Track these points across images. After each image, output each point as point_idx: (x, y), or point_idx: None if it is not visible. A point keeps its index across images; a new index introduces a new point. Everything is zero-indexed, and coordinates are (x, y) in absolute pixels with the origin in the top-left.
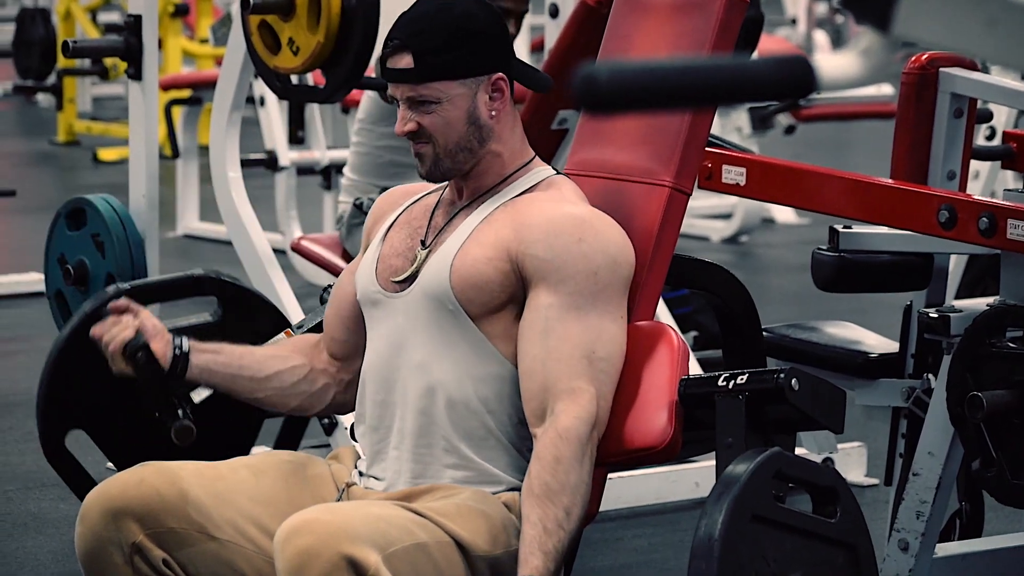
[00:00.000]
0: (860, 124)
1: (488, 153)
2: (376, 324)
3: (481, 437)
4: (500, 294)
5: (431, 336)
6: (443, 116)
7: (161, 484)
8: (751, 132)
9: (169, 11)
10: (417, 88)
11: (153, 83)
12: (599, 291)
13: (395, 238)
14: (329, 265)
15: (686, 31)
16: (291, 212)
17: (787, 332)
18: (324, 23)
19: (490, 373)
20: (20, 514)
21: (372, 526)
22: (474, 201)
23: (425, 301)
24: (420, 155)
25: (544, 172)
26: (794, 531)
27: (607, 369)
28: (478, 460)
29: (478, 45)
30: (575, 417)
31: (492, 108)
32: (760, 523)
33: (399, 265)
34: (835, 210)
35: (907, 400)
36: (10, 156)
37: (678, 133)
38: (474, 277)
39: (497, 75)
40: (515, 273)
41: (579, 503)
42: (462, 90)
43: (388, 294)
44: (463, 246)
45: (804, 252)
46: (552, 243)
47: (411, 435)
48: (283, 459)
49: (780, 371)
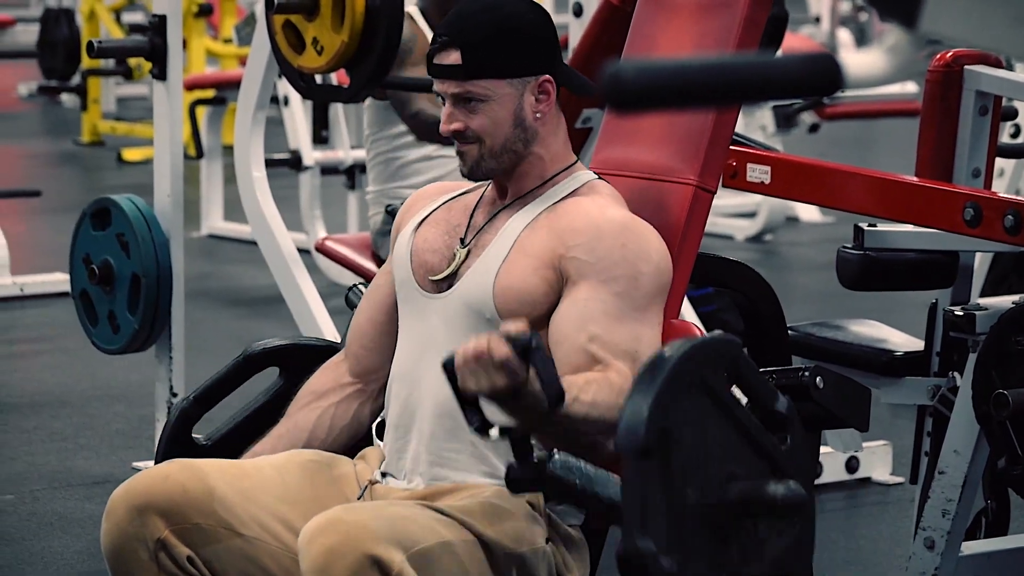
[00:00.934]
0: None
1: (531, 155)
2: (409, 321)
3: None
4: (543, 304)
5: (463, 341)
6: (490, 115)
7: (187, 480)
8: (775, 130)
9: (193, 11)
10: (464, 85)
11: (178, 83)
12: (640, 296)
13: (430, 233)
14: (354, 265)
15: (711, 29)
16: (315, 212)
17: (812, 330)
18: (348, 22)
19: None
20: (46, 514)
21: (396, 525)
22: (515, 202)
23: (463, 308)
24: (463, 154)
25: (586, 176)
26: (739, 427)
27: None
28: (503, 467)
29: (527, 45)
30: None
31: (537, 110)
32: (705, 394)
33: (435, 263)
34: (860, 208)
35: (932, 398)
36: (35, 157)
37: (703, 131)
38: (519, 289)
39: (544, 77)
40: (558, 280)
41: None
42: (509, 90)
43: (425, 293)
44: (509, 256)
45: (828, 250)
46: (595, 246)
47: (433, 436)
48: (308, 458)
49: (805, 369)
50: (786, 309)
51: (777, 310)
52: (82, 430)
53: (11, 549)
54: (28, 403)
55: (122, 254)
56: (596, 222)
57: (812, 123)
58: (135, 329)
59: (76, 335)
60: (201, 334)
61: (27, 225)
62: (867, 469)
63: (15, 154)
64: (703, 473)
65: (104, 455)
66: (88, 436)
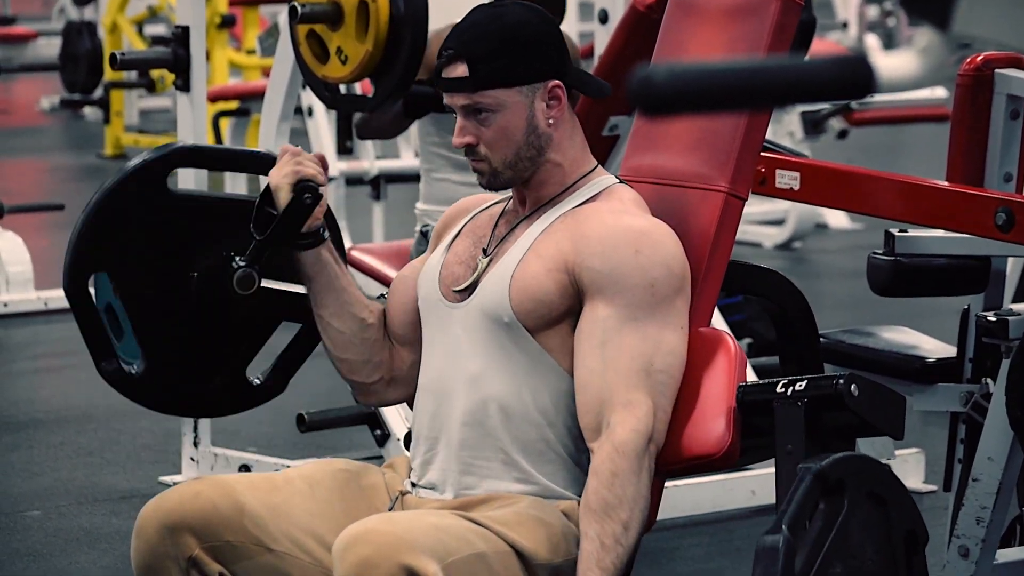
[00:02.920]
0: (913, 128)
1: (548, 162)
2: (433, 332)
3: (540, 451)
4: (559, 306)
5: (487, 349)
6: (501, 125)
7: (217, 497)
8: (803, 137)
9: (216, 22)
10: (473, 96)
11: (201, 94)
12: (657, 303)
13: (460, 246)
14: (379, 275)
15: (740, 35)
16: (340, 222)
17: (843, 338)
18: (373, 32)
19: (548, 384)
20: (72, 529)
21: (431, 536)
22: (536, 211)
23: (482, 315)
24: (478, 170)
25: (606, 181)
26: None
27: (665, 381)
28: (537, 475)
29: (533, 52)
30: (632, 430)
31: (549, 116)
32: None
33: (460, 273)
34: (891, 214)
35: (966, 405)
36: (58, 170)
37: (733, 137)
38: (533, 289)
39: (553, 82)
40: (573, 285)
41: (638, 517)
42: (519, 98)
43: (448, 303)
44: (523, 258)
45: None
46: (609, 255)
47: (461, 447)
48: (337, 468)
49: (839, 377)
50: (816, 317)
51: (808, 318)
52: (108, 445)
53: (38, 565)
54: (54, 419)
55: None
56: (611, 230)
57: (841, 129)
58: None
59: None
60: None
61: (51, 240)
62: (900, 477)
63: (38, 168)
64: None
65: (130, 470)
66: (114, 451)
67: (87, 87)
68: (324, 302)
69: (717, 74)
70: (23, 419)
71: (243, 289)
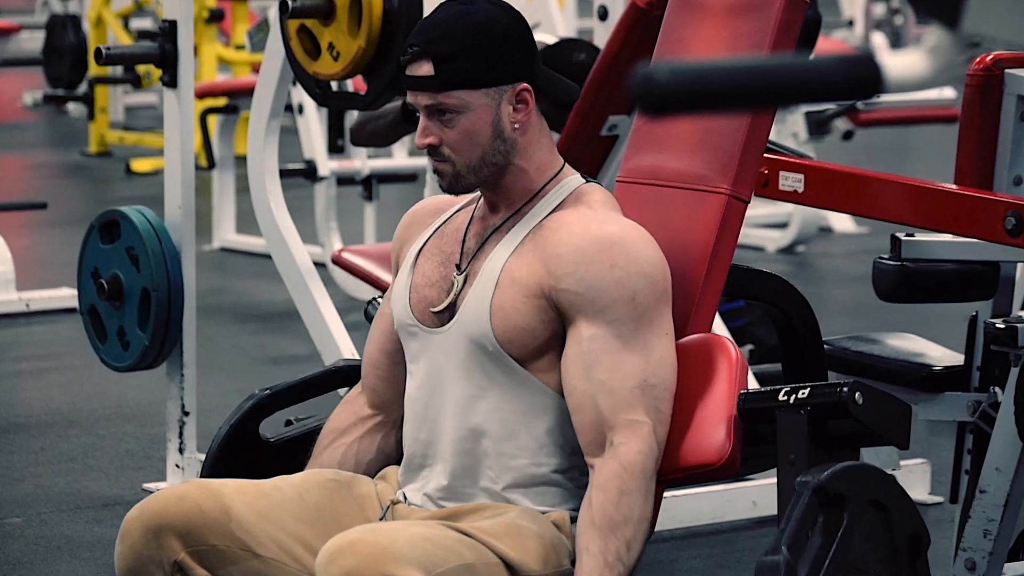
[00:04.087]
0: (920, 129)
1: (512, 167)
2: (415, 358)
3: (531, 475)
4: (542, 333)
5: (471, 375)
6: (465, 128)
7: (203, 500)
8: (807, 138)
9: (204, 16)
10: (437, 97)
11: (189, 90)
12: (640, 315)
13: (426, 266)
14: (371, 278)
15: (744, 33)
16: (331, 224)
17: (847, 345)
18: (365, 27)
19: (537, 405)
20: (54, 537)
21: (417, 547)
22: (505, 222)
23: (465, 341)
24: (439, 171)
25: (573, 183)
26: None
27: (661, 394)
28: (527, 501)
29: (502, 52)
30: (638, 452)
31: (516, 120)
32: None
33: (433, 296)
34: (897, 217)
35: (973, 414)
36: (41, 168)
37: (736, 138)
38: (514, 319)
39: (521, 85)
40: (552, 309)
41: (640, 538)
42: (485, 100)
43: (426, 328)
44: (499, 285)
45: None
46: (582, 274)
47: (454, 475)
48: (327, 477)
49: (843, 385)
50: (820, 322)
51: (812, 323)
52: (91, 451)
53: (18, 574)
54: (35, 423)
55: (132, 268)
56: (580, 245)
57: (846, 130)
58: (145, 346)
59: (84, 352)
60: (213, 351)
61: (33, 239)
62: (905, 488)
63: (20, 165)
64: None
65: (114, 476)
66: (97, 457)
67: (71, 82)
68: None
69: (720, 73)
70: (2, 423)
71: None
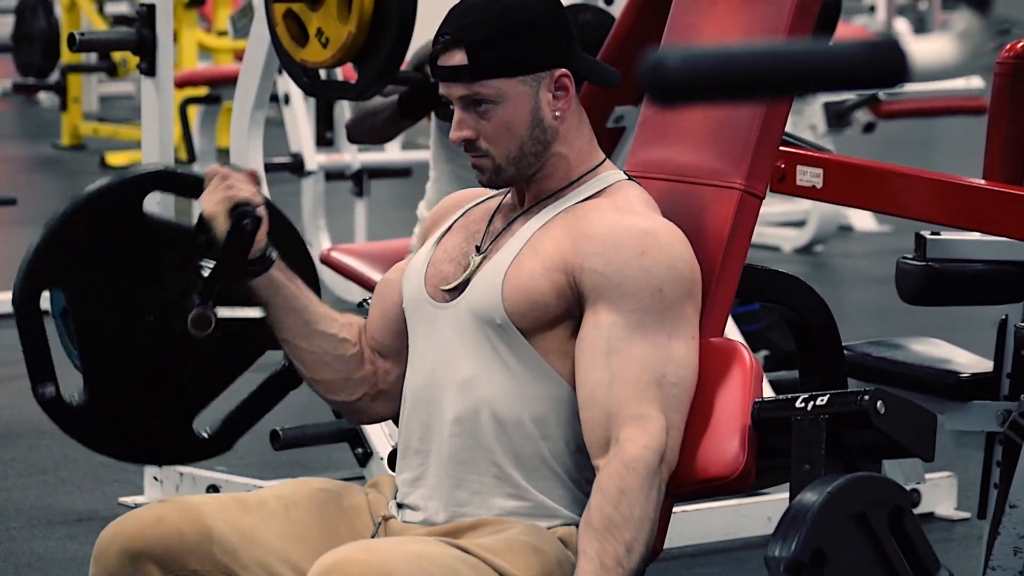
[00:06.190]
0: (946, 121)
1: (553, 156)
2: (420, 336)
3: (535, 466)
4: (555, 308)
5: (479, 351)
6: (503, 119)
7: (182, 522)
8: (826, 130)
9: (183, 1)
10: (472, 87)
11: (168, 79)
12: (666, 309)
13: (450, 243)
14: (361, 278)
15: (759, 17)
16: (319, 221)
17: (868, 350)
18: (356, 12)
19: (545, 392)
20: (23, 554)
21: (413, 566)
22: (535, 205)
23: (473, 315)
24: (479, 167)
25: (612, 177)
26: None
27: (679, 395)
28: (533, 491)
29: (538, 38)
30: (643, 446)
31: (556, 108)
32: (863, 530)
33: (450, 272)
34: (922, 215)
35: (1003, 424)
36: (10, 161)
37: (750, 130)
38: (528, 289)
39: (560, 71)
40: (572, 288)
41: (642, 540)
42: (523, 88)
43: (436, 303)
44: (518, 256)
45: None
46: (611, 256)
47: (454, 459)
48: (316, 488)
49: (864, 392)
50: (840, 327)
51: (831, 328)
52: (63, 463)
53: None
54: (4, 433)
55: None
56: (613, 229)
57: (867, 122)
58: None
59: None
60: None
61: (1, 237)
62: (930, 503)
63: None
64: None
65: (87, 490)
66: (70, 469)
67: (42, 70)
68: (286, 325)
69: (734, 59)
70: None
71: (199, 330)
